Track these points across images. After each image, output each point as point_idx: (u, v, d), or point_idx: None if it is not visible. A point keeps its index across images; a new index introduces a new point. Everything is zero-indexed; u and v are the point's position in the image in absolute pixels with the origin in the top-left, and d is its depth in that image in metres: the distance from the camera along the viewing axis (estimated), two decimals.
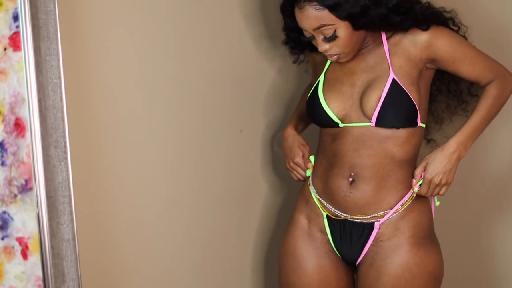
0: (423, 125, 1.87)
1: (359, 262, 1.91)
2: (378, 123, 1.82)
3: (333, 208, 1.89)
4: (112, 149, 1.88)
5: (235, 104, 2.12)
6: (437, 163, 1.85)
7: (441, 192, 1.88)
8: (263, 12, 2.14)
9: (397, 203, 1.85)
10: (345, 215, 1.87)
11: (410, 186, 1.87)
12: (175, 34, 1.97)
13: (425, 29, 1.81)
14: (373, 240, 1.86)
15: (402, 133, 1.83)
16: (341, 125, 1.86)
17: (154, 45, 1.93)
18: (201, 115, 2.05)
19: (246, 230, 2.22)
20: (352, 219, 1.87)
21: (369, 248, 1.87)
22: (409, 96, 1.80)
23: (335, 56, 1.83)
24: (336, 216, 1.89)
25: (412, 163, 1.88)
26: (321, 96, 1.88)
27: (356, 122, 1.85)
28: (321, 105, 1.87)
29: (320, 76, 1.92)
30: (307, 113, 1.94)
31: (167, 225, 2.02)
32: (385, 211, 1.85)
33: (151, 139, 1.96)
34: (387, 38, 1.86)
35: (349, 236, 1.89)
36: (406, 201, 1.86)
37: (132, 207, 1.94)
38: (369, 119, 1.82)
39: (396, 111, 1.81)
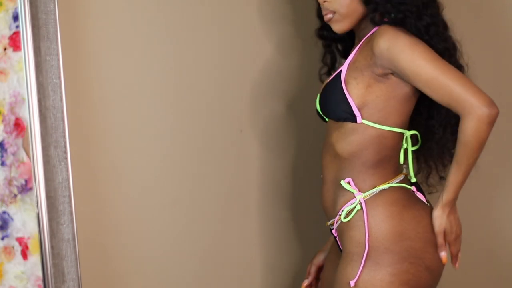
0: (370, 124, 1.72)
1: None
2: (322, 112, 1.82)
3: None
4: (112, 149, 1.88)
5: (235, 104, 2.12)
6: (437, 221, 1.72)
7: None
8: (263, 13, 2.14)
9: (340, 208, 1.78)
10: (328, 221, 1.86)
11: (352, 195, 1.76)
12: (175, 34, 1.97)
13: (383, 34, 1.69)
14: (341, 247, 1.82)
15: (343, 127, 1.76)
16: (327, 119, 1.85)
17: (154, 45, 1.93)
18: (201, 115, 2.05)
19: (245, 230, 2.22)
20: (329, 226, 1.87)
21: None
22: (342, 88, 1.72)
23: (329, 14, 1.77)
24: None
25: (355, 166, 1.76)
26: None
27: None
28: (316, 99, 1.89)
29: None
30: None
31: (167, 225, 2.02)
32: (334, 218, 1.81)
33: (151, 139, 1.96)
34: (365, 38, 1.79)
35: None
36: (346, 211, 1.76)
37: (132, 207, 1.94)
38: None
39: (327, 100, 1.79)
